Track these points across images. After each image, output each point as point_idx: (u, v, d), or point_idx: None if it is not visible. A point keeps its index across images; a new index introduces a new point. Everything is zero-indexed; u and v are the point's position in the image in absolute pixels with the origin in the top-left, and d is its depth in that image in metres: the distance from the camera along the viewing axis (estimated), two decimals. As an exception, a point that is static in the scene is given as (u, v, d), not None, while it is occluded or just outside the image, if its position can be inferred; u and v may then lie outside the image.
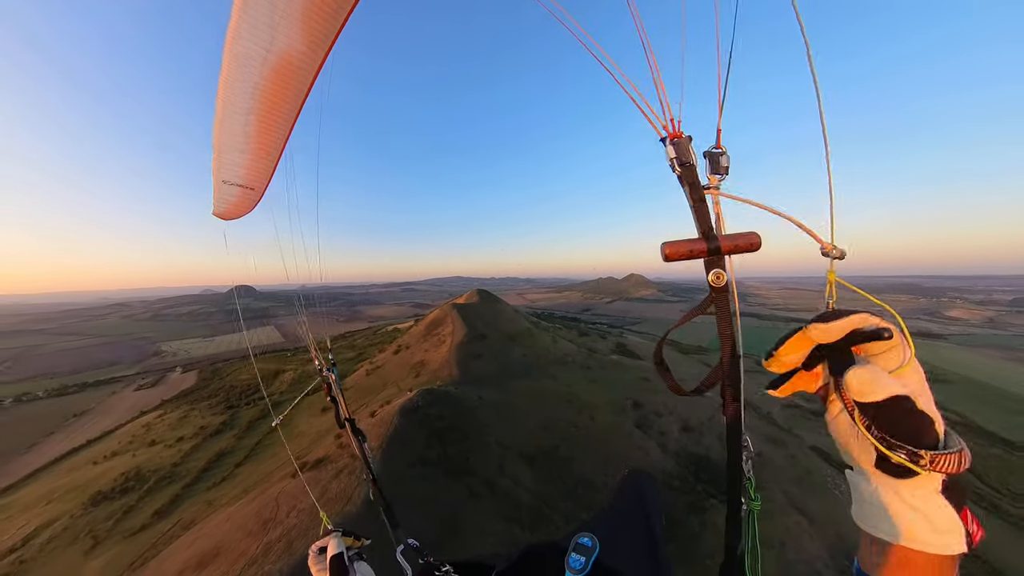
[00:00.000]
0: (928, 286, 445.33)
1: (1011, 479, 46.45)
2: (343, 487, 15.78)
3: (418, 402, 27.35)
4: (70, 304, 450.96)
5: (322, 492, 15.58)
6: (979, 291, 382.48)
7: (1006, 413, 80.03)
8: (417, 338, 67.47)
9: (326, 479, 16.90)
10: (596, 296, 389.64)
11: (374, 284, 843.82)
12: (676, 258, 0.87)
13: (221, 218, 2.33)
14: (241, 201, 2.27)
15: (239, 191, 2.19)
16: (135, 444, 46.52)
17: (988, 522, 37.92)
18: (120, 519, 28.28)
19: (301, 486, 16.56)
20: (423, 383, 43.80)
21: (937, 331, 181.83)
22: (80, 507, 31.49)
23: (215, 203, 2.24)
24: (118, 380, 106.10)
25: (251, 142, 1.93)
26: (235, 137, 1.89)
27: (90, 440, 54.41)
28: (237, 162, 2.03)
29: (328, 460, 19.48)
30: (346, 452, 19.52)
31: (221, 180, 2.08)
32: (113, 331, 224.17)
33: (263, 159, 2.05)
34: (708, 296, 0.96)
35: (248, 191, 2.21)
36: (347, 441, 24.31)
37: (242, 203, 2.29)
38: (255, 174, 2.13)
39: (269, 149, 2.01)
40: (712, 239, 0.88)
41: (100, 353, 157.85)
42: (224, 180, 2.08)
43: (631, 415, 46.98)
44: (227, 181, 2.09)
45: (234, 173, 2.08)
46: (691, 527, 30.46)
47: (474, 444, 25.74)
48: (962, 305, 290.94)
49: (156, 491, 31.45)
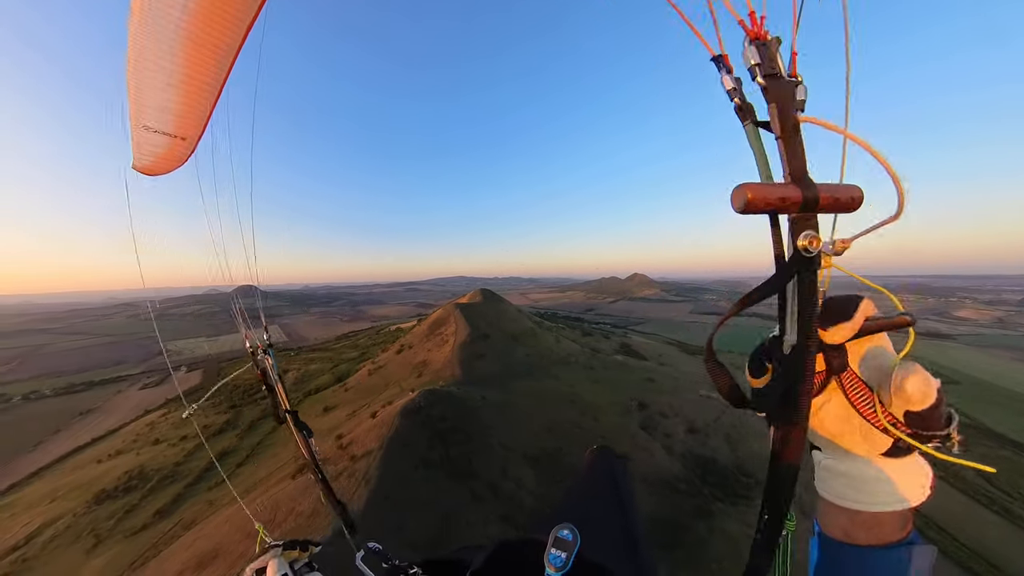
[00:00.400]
0: (936, 286, 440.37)
1: (1022, 483, 45.68)
2: (340, 491, 15.47)
3: (420, 403, 27.07)
4: (77, 304, 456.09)
5: (317, 496, 15.32)
6: (988, 291, 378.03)
7: (1015, 415, 78.71)
8: (420, 338, 67.35)
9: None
10: (599, 296, 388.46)
11: (377, 284, 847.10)
12: (757, 209, 0.59)
13: (144, 173, 1.93)
14: (170, 152, 1.88)
15: (166, 140, 1.79)
16: (139, 443, 46.68)
17: (1001, 527, 37.10)
18: (122, 518, 28.27)
19: (300, 488, 16.33)
20: (425, 383, 43.58)
21: (946, 331, 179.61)
22: (83, 505, 31.55)
23: (135, 155, 1.83)
24: (123, 379, 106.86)
25: (180, 77, 1.54)
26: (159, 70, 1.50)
27: (95, 438, 54.72)
28: (162, 104, 1.65)
29: (328, 462, 19.22)
30: (346, 454, 19.30)
31: (142, 125, 1.68)
32: (119, 331, 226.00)
33: (196, 100, 1.67)
34: (786, 269, 0.70)
35: (177, 140, 1.82)
36: (347, 442, 24.22)
37: (171, 155, 1.89)
38: (186, 119, 1.75)
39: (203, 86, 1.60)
40: (809, 186, 0.62)
41: (106, 352, 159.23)
42: (145, 126, 1.69)
43: (636, 416, 46.47)
44: (149, 127, 1.70)
45: (158, 117, 1.69)
46: (699, 532, 29.94)
47: (477, 446, 25.43)
48: (971, 305, 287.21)
49: (158, 490, 31.46)
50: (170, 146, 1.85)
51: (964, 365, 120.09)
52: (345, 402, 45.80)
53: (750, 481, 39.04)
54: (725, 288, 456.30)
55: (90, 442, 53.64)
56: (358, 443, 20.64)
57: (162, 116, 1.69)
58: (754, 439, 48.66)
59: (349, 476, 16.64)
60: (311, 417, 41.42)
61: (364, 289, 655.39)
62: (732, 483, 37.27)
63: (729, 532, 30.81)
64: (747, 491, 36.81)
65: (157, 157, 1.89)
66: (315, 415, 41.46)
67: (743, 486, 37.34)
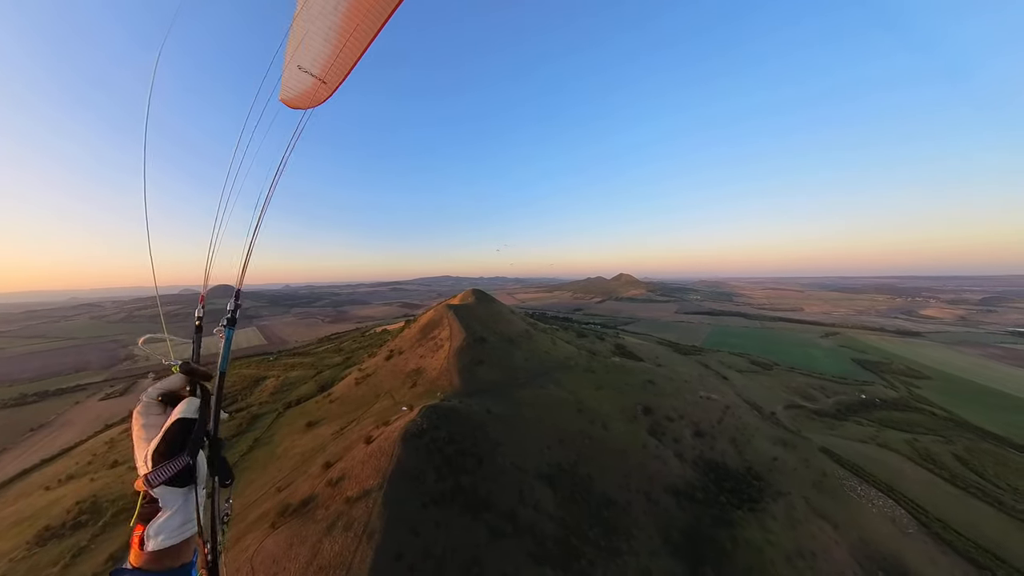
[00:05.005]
0: (903, 286, 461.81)
1: (1008, 474, 46.41)
2: (340, 549, 12.26)
3: (422, 424, 23.75)
4: (35, 304, 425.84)
5: (312, 555, 12.09)
6: (949, 291, 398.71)
7: (990, 409, 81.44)
8: (411, 342, 63.58)
9: (315, 535, 13.39)
10: (586, 296, 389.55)
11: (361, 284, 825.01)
12: None
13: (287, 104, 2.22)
14: (311, 91, 2.14)
15: (312, 81, 2.08)
16: (95, 465, 41.56)
17: (991, 515, 37.01)
18: (69, 564, 23.98)
19: (284, 544, 13.03)
20: (422, 394, 40.22)
21: (915, 329, 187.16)
22: (24, 546, 26.93)
23: (283, 87, 2.13)
24: (83, 388, 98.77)
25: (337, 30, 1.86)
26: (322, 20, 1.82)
27: (45, 459, 48.89)
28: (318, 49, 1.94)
29: (316, 503, 15.92)
30: (338, 494, 15.97)
31: (296, 65, 2.01)
32: (81, 333, 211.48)
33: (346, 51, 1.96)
34: None
35: (320, 84, 2.10)
36: (337, 475, 20.73)
37: (311, 93, 2.16)
38: (334, 66, 2.04)
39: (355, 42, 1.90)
40: None
41: (66, 357, 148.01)
42: (300, 66, 2.01)
43: (643, 421, 44.50)
44: (303, 67, 2.02)
45: (312, 61, 1.99)
46: (721, 543, 27.90)
47: (489, 471, 22.40)
48: (936, 304, 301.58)
49: (112, 527, 27.16)
50: (313, 86, 2.10)
51: (934, 361, 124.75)
52: (331, 416, 41.90)
53: (762, 484, 37.75)
54: (708, 288, 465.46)
55: (39, 464, 47.88)
56: (352, 478, 17.33)
57: (316, 59, 1.97)
58: (758, 440, 47.68)
59: (345, 528, 13.41)
60: (292, 434, 37.48)
61: (348, 289, 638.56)
62: (745, 488, 35.78)
63: (752, 541, 29.04)
64: (760, 495, 35.36)
65: (300, 93, 2.15)
66: (298, 431, 37.49)
67: (756, 490, 35.97)
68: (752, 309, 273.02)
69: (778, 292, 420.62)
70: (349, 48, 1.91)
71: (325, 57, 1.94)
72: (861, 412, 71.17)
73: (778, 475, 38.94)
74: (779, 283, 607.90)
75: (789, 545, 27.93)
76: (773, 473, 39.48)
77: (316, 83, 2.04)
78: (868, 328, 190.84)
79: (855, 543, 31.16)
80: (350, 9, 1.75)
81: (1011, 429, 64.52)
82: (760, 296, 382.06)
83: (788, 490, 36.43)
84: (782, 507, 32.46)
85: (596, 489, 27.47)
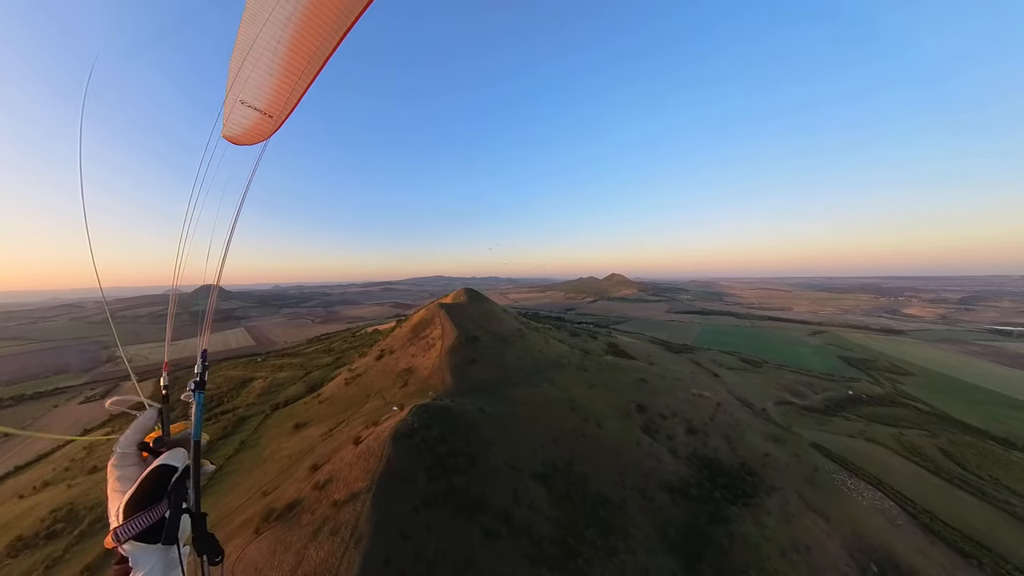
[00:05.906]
0: (886, 286, 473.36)
1: (989, 465, 47.83)
2: (326, 555, 11.73)
3: (414, 424, 23.17)
4: (13, 305, 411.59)
5: (296, 562, 11.53)
6: (931, 290, 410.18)
7: (971, 404, 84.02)
8: (402, 342, 62.72)
9: (300, 540, 12.82)
10: (578, 295, 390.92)
11: (352, 284, 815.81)
12: None
13: (232, 142, 2.13)
14: (256, 126, 2.07)
15: (256, 116, 2.01)
16: (72, 471, 39.98)
17: (975, 505, 38.42)
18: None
19: (267, 551, 12.41)
20: (413, 394, 39.55)
21: (898, 327, 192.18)
22: (-6, 557, 25.69)
23: (226, 124, 2.05)
24: (62, 391, 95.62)
25: (281, 61, 1.75)
26: (263, 54, 1.70)
27: (19, 466, 46.93)
28: (260, 82, 1.84)
29: (302, 508, 15.30)
30: (325, 497, 15.36)
31: (239, 100, 1.91)
32: (61, 335, 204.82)
33: (289, 84, 1.88)
34: None
35: (266, 117, 2.03)
36: (324, 478, 20.05)
37: (257, 129, 2.08)
38: (277, 100, 1.96)
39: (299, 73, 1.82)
40: None
41: (44, 360, 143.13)
42: (243, 100, 1.92)
43: (637, 419, 44.48)
44: (246, 102, 1.93)
45: (255, 95, 1.91)
46: (718, 540, 27.91)
47: (482, 471, 21.94)
48: (918, 304, 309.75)
49: (89, 536, 25.94)
50: (258, 121, 2.02)
51: (917, 358, 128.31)
52: (319, 417, 40.96)
53: (755, 480, 38.06)
54: (699, 288, 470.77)
55: (14, 471, 45.96)
56: (340, 480, 16.71)
57: (258, 93, 1.87)
58: (751, 436, 48.08)
59: (332, 532, 12.84)
60: (279, 436, 36.54)
61: (338, 289, 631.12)
62: (739, 483, 36.03)
63: (749, 537, 29.17)
64: (754, 491, 35.66)
65: (244, 129, 2.05)
66: (285, 433, 36.52)
67: (750, 485, 36.23)
68: (742, 308, 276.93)
69: (767, 292, 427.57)
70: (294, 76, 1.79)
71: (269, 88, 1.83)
72: (849, 408, 72.34)
73: (771, 470, 39.19)
74: (768, 283, 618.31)
75: (784, 539, 28.02)
76: (766, 468, 39.73)
77: (261, 117, 1.95)
78: (854, 326, 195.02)
79: (847, 536, 31.43)
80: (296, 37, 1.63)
81: (991, 423, 66.42)
82: (750, 296, 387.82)
83: (781, 485, 36.65)
84: (776, 502, 32.63)
85: (591, 487, 27.18)
